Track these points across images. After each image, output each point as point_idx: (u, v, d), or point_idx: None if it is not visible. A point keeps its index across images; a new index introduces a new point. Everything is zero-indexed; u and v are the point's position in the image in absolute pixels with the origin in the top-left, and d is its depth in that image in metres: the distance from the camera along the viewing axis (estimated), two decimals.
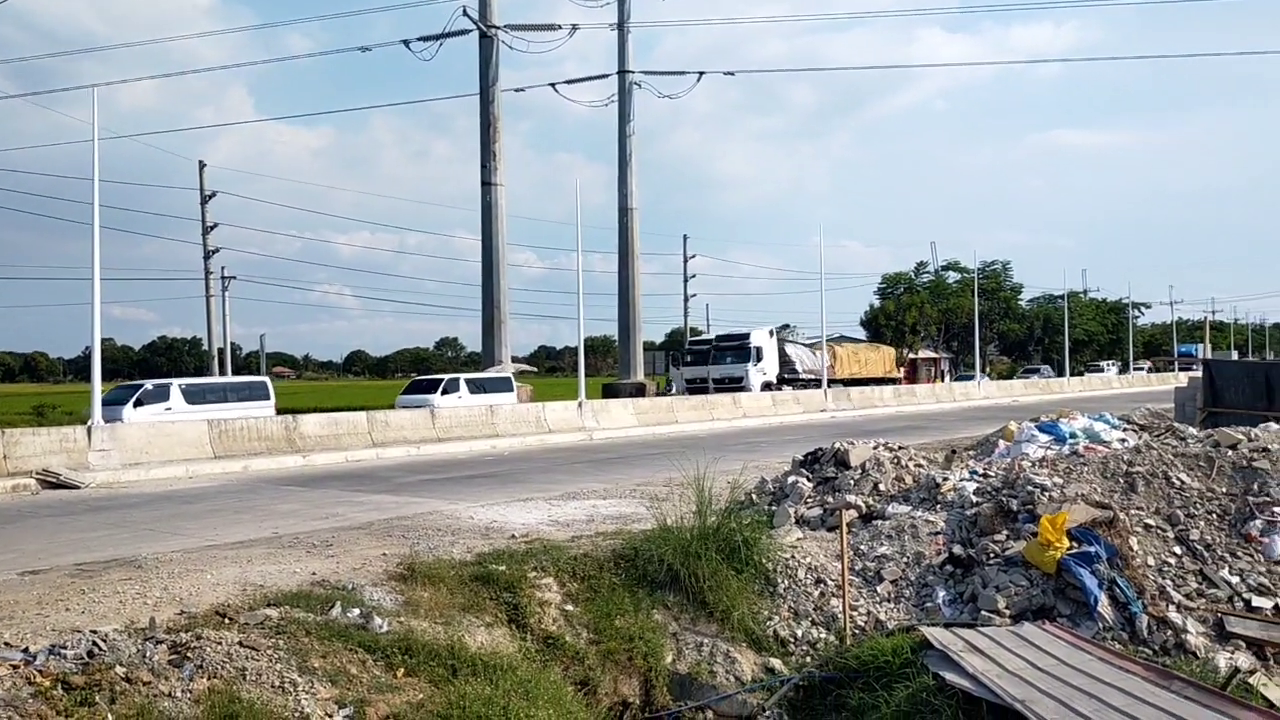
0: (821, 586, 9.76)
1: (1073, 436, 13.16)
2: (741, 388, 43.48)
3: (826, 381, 42.64)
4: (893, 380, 56.95)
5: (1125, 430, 13.99)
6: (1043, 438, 13.20)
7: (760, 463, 17.49)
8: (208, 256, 46.16)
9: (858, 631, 9.14)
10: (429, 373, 42.78)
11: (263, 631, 7.25)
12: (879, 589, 9.68)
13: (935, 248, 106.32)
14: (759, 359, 46.03)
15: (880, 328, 79.78)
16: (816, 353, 51.85)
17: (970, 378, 62.29)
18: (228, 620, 7.47)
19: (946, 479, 11.57)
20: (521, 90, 51.48)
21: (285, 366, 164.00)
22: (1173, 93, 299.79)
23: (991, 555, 9.59)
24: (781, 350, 49.54)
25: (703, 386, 44.37)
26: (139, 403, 25.94)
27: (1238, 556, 9.25)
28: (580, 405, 29.74)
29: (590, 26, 46.90)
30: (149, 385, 27.79)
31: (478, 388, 34.52)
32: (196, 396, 27.66)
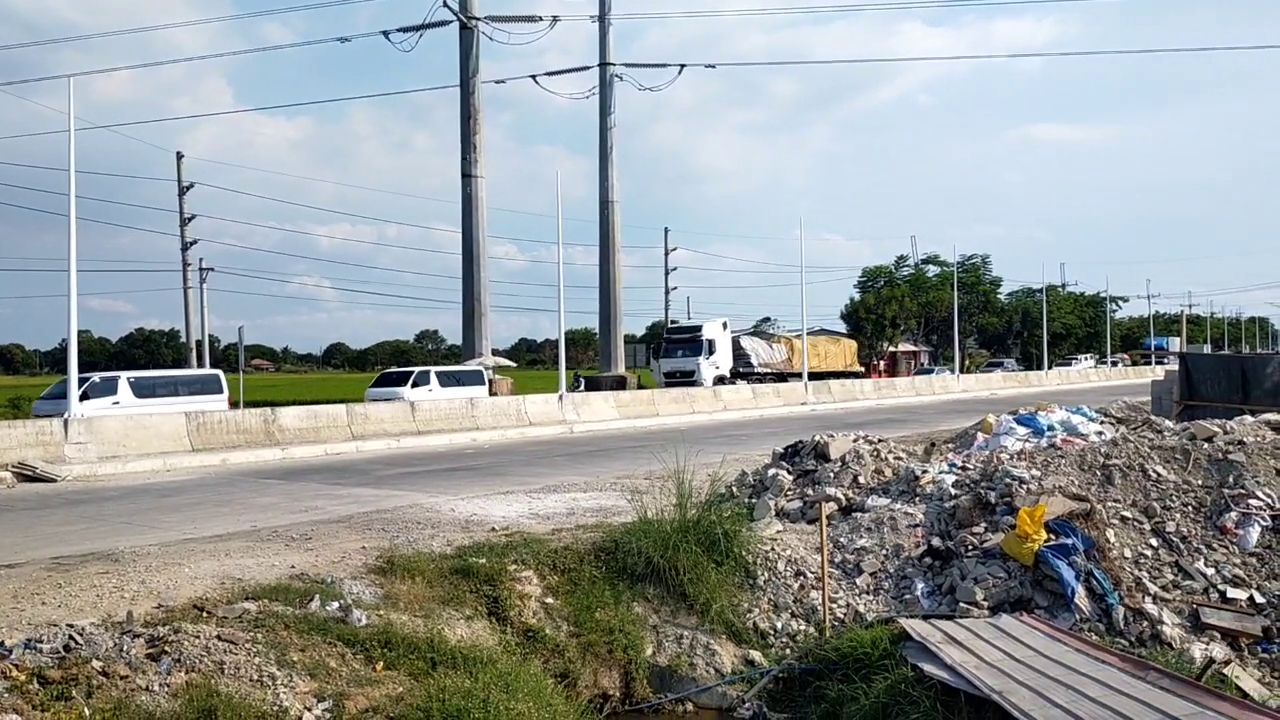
0: (801, 579, 9.80)
1: (1050, 429, 13.22)
2: (693, 382, 42.55)
3: (806, 375, 42.54)
4: (854, 374, 56.42)
5: (1103, 423, 14.06)
6: (1021, 430, 13.25)
7: (741, 455, 17.52)
8: (185, 248, 45.79)
9: (837, 623, 9.18)
10: (409, 365, 42.62)
11: (241, 625, 7.23)
12: (858, 581, 9.71)
13: (915, 241, 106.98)
14: (711, 352, 45.18)
15: (861, 321, 79.92)
16: (774, 346, 51.57)
17: (931, 371, 62.57)
18: (206, 614, 7.44)
19: (925, 472, 11.62)
20: (502, 82, 51.30)
21: (264, 359, 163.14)
22: (1152, 87, 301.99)
23: (970, 547, 9.64)
24: (736, 343, 48.82)
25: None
26: (84, 396, 24.87)
27: (1213, 548, 9.33)
28: (561, 398, 29.71)
29: (571, 18, 47.14)
30: (96, 378, 27.00)
31: (449, 380, 34.28)
32: (145, 390, 26.93)
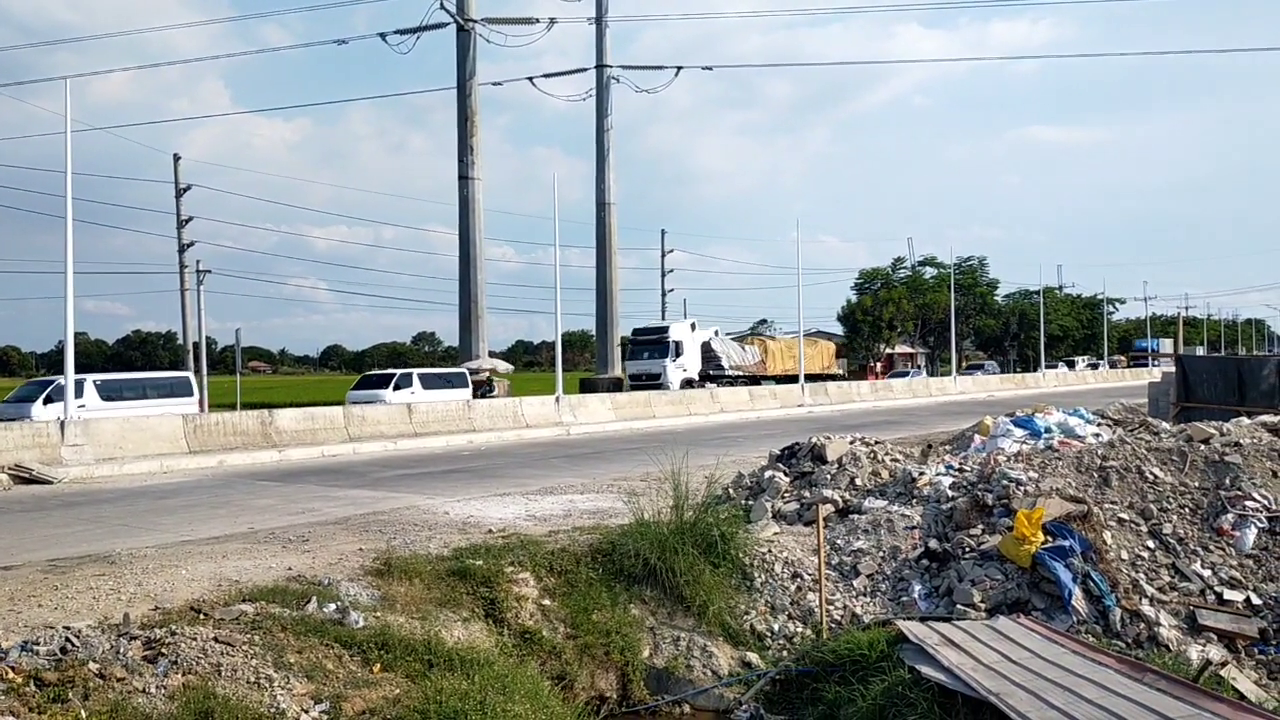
0: (798, 581, 9.80)
1: (1048, 431, 13.24)
2: (659, 385, 41.50)
3: (801, 379, 42.45)
4: (832, 376, 55.76)
5: (1100, 425, 14.09)
6: (1018, 432, 13.27)
7: (737, 457, 17.51)
8: (183, 250, 45.71)
9: (834, 625, 9.18)
10: (406, 367, 42.51)
11: (238, 627, 7.21)
12: (855, 583, 9.72)
13: (912, 243, 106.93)
14: (678, 354, 44.25)
15: (857, 323, 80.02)
16: (746, 348, 50.83)
17: (906, 374, 62.52)
18: (203, 616, 7.43)
19: (923, 474, 11.62)
20: (499, 84, 51.28)
21: (261, 361, 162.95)
22: (1148, 89, 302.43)
23: (967, 549, 9.64)
24: (706, 345, 47.70)
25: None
26: (49, 400, 24.81)
27: (1210, 550, 9.34)
28: (557, 400, 29.70)
29: (568, 21, 46.96)
30: (60, 381, 26.67)
31: (432, 383, 33.90)
32: (113, 393, 26.47)
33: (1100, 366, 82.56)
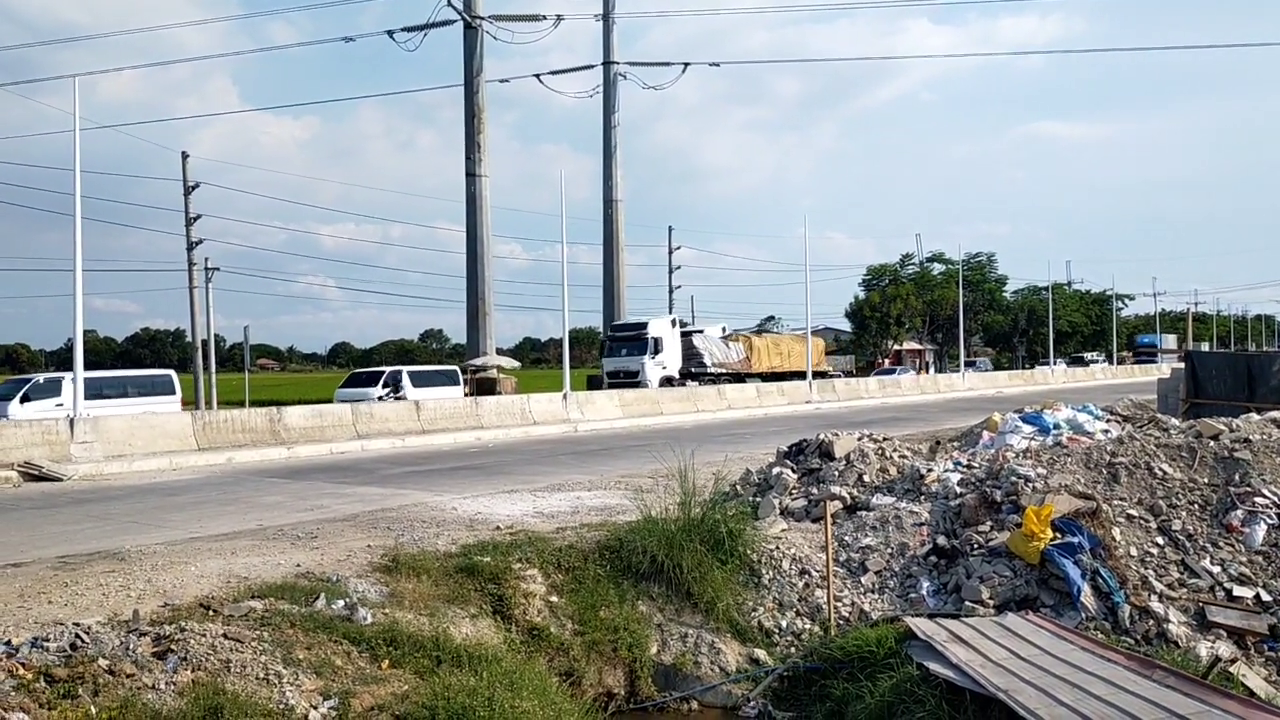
0: (806, 577, 9.79)
1: (1056, 428, 13.19)
2: (637, 383, 40.35)
3: (809, 376, 42.35)
4: (821, 374, 55.02)
5: (1109, 421, 14.03)
6: (1027, 429, 13.23)
7: (745, 454, 17.51)
8: (191, 248, 45.75)
9: (842, 622, 9.17)
10: (414, 364, 42.46)
11: (247, 623, 7.24)
12: (863, 580, 9.70)
13: (920, 239, 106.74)
14: (657, 351, 43.00)
15: (865, 319, 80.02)
16: (730, 345, 49.83)
17: (891, 372, 62.18)
18: (212, 612, 7.45)
19: (931, 470, 11.61)
20: (506, 81, 51.39)
21: (269, 358, 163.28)
22: (1156, 84, 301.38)
23: (975, 546, 9.63)
24: (687, 342, 46.49)
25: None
26: (26, 398, 24.71)
27: (1219, 546, 9.31)
28: (565, 397, 29.69)
29: (575, 17, 46.88)
30: (39, 379, 26.53)
31: (422, 380, 33.60)
32: (92, 391, 25.77)
33: (1100, 362, 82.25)
